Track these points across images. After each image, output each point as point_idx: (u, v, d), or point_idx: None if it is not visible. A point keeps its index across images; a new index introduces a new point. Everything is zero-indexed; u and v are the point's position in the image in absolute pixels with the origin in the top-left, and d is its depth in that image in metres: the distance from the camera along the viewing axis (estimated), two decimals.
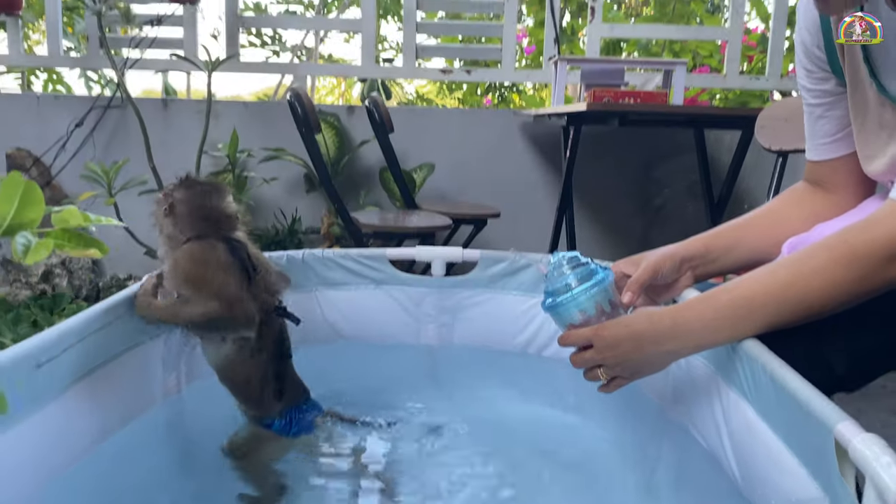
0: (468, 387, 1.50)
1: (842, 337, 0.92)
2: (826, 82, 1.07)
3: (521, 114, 3.19)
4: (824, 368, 0.91)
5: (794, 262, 0.91)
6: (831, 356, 0.92)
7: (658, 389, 1.31)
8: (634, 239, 3.19)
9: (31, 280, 2.91)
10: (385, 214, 2.51)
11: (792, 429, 0.82)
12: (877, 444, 0.63)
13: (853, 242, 0.86)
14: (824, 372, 0.91)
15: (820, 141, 1.11)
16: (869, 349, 0.92)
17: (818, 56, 1.05)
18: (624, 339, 0.94)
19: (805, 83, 1.10)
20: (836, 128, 1.08)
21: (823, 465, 0.73)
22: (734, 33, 3.22)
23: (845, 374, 0.93)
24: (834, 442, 0.70)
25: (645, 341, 0.94)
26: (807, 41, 1.06)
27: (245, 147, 2.98)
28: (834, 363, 0.92)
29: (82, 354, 1.00)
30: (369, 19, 3.21)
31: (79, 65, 3.49)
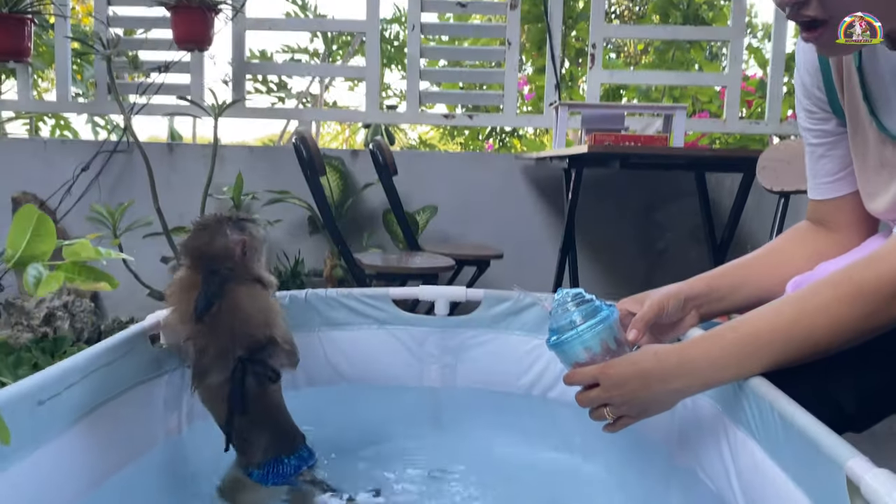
0: (471, 429, 1.48)
1: (850, 375, 0.91)
2: (827, 122, 1.08)
3: (522, 157, 3.22)
4: (833, 407, 0.91)
5: (798, 300, 0.91)
6: (839, 394, 0.91)
7: (664, 432, 1.30)
8: (637, 281, 3.18)
9: (32, 323, 2.90)
10: (388, 256, 2.51)
11: (801, 467, 0.81)
12: (890, 480, 0.63)
13: (858, 279, 0.86)
14: (833, 410, 0.90)
15: (822, 180, 1.12)
16: (877, 387, 0.92)
17: (818, 97, 1.07)
18: (631, 377, 0.94)
19: (806, 124, 1.11)
20: (837, 167, 1.09)
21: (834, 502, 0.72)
22: (733, 79, 3.27)
23: (854, 412, 0.92)
24: (845, 479, 0.69)
25: (652, 379, 0.93)
26: (807, 82, 1.08)
27: (249, 190, 3.01)
28: (842, 401, 0.91)
29: (85, 392, 1.00)
30: (374, 66, 3.27)
31: (87, 110, 3.55)
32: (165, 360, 1.23)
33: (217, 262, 1.13)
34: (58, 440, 0.94)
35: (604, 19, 3.30)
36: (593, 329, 0.99)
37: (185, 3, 2.90)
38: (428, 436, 1.47)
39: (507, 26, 3.25)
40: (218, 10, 3.00)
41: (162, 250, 3.09)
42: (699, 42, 4.11)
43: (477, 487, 1.24)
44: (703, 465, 1.14)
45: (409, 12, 3.25)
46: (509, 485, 1.24)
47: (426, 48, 3.37)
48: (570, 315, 1.00)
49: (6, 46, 2.95)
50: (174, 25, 2.98)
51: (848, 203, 1.10)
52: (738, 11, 3.27)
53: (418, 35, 3.25)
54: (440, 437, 1.46)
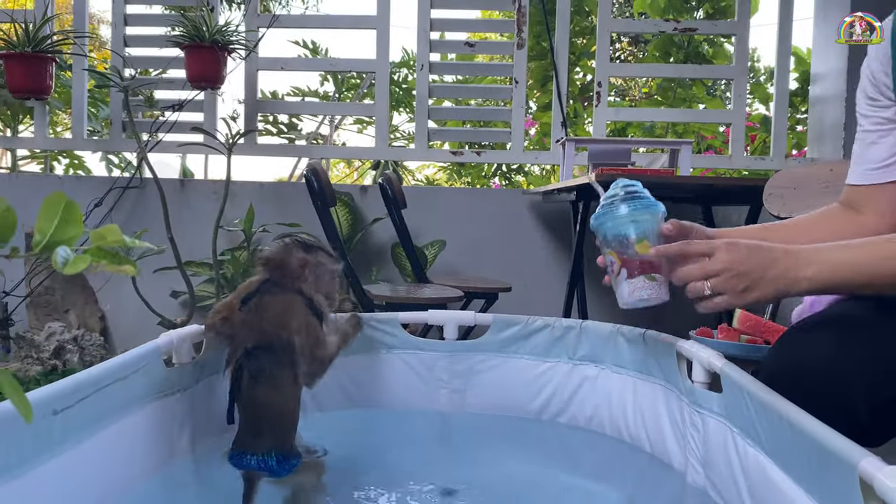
0: (481, 453, 1.47)
1: (864, 384, 0.92)
2: (886, 110, 1.14)
3: (529, 192, 3.26)
4: (848, 417, 0.91)
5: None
6: (855, 404, 0.91)
7: (675, 453, 1.29)
8: (648, 315, 3.17)
9: (42, 356, 2.91)
10: (397, 287, 2.53)
11: (814, 476, 0.81)
12: None
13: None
14: (848, 420, 0.90)
15: (869, 167, 1.17)
16: (892, 397, 0.91)
17: (885, 83, 1.12)
18: (759, 250, 0.99)
19: (865, 111, 1.17)
20: (886, 154, 1.15)
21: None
22: (738, 116, 3.31)
23: (868, 423, 0.92)
24: (858, 480, 0.69)
25: (777, 258, 0.98)
26: (875, 69, 1.14)
27: (260, 224, 3.04)
28: (858, 412, 0.91)
29: (98, 406, 1.00)
30: (383, 103, 3.33)
31: (101, 148, 3.61)
32: (178, 378, 1.23)
33: (277, 270, 1.24)
34: (71, 451, 0.94)
35: (608, 58, 3.36)
36: (651, 210, 1.13)
37: (198, 43, 2.98)
38: (437, 460, 1.46)
39: (513, 65, 3.31)
40: (231, 49, 3.07)
41: (172, 284, 3.11)
42: (701, 79, 4.17)
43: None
44: (716, 484, 1.13)
45: (418, 52, 3.32)
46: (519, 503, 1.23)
47: (434, 87, 3.43)
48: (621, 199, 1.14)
49: (29, 84, 3.03)
50: (187, 65, 3.05)
51: (886, 191, 1.15)
52: (741, 51, 3.33)
53: (427, 74, 3.32)
54: (450, 461, 1.45)
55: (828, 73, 3.14)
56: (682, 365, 1.26)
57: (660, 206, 1.15)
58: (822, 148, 3.15)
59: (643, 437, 1.38)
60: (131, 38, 3.34)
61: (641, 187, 1.19)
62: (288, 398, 1.17)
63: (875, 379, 0.91)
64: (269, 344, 1.15)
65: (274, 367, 1.14)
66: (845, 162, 2.35)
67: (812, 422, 0.80)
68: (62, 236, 0.49)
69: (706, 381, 1.18)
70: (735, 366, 1.08)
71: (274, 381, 1.14)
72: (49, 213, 0.49)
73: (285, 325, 1.17)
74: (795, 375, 0.96)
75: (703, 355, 1.17)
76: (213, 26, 2.99)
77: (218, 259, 2.88)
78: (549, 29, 3.38)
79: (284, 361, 1.15)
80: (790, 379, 0.96)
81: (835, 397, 0.91)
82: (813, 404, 0.86)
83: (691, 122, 4.01)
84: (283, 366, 1.15)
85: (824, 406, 0.87)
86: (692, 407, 1.21)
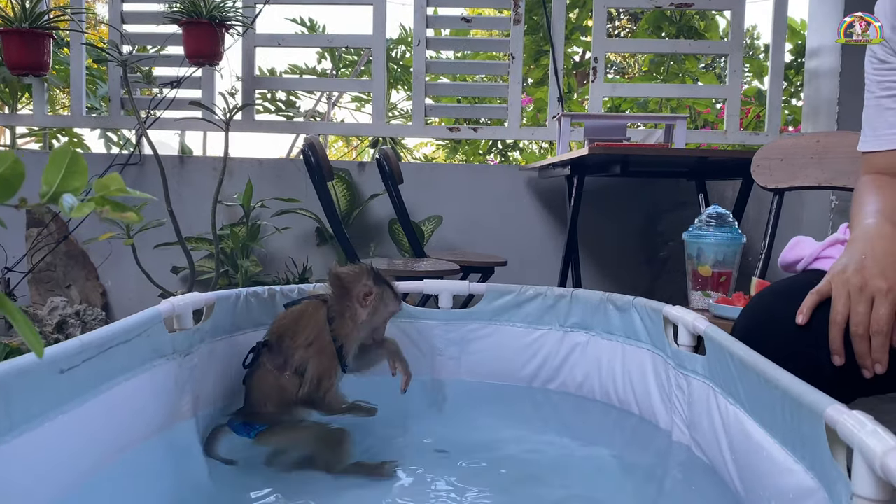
0: (475, 418, 1.51)
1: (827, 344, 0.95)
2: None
3: (526, 169, 3.28)
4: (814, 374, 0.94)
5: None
6: (820, 362, 0.95)
7: (661, 415, 1.33)
8: (641, 290, 3.22)
9: (45, 330, 2.96)
10: (394, 261, 2.56)
11: (788, 428, 0.84)
12: (864, 416, 0.66)
13: None
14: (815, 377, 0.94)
15: (887, 131, 1.18)
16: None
17: (894, 39, 1.12)
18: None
19: (874, 76, 1.18)
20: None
21: (818, 455, 0.76)
22: (733, 92, 3.33)
23: (833, 379, 0.95)
24: (825, 427, 0.73)
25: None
26: (884, 26, 1.13)
27: (259, 200, 3.07)
28: (823, 369, 0.95)
29: (102, 367, 1.04)
30: (380, 79, 3.34)
31: (100, 125, 3.63)
32: (180, 343, 1.27)
33: (340, 289, 1.35)
34: (77, 410, 0.98)
35: (605, 34, 3.37)
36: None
37: (196, 19, 2.98)
38: (433, 425, 1.50)
39: (510, 41, 3.32)
40: (228, 25, 3.08)
41: (172, 260, 3.15)
42: (695, 54, 4.17)
43: (482, 468, 1.27)
44: (699, 441, 1.17)
45: (415, 27, 3.33)
46: (512, 467, 1.27)
47: (431, 63, 3.44)
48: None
49: (27, 61, 3.04)
50: (185, 41, 3.06)
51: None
52: (737, 26, 3.34)
53: (423, 50, 3.33)
54: (444, 426, 1.49)
55: (822, 48, 3.15)
56: (669, 330, 1.30)
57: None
58: (817, 123, 3.17)
59: (631, 400, 1.43)
60: (128, 15, 3.35)
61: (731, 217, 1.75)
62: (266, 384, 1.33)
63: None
64: (277, 343, 1.32)
65: (270, 362, 1.32)
66: (833, 133, 2.38)
67: (786, 376, 0.84)
68: (68, 187, 0.52)
69: (691, 345, 1.22)
70: (718, 328, 1.11)
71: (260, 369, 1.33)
72: (56, 165, 0.52)
73: (293, 337, 1.32)
74: (766, 336, 1.00)
75: (688, 318, 1.20)
76: (210, 2, 3.00)
77: (217, 234, 2.91)
78: (546, 3, 3.38)
79: (280, 364, 1.32)
80: (761, 338, 1.00)
81: (802, 356, 0.95)
82: (782, 362, 0.90)
83: (684, 99, 4.02)
84: (273, 362, 1.32)
85: (792, 364, 0.91)
86: (678, 370, 1.25)
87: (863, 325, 0.92)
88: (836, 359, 0.94)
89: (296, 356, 1.30)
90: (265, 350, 1.33)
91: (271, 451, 1.28)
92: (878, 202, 1.10)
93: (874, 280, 0.93)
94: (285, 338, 1.32)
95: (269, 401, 1.32)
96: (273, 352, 1.32)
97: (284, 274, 3.18)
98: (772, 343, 1.00)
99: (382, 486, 1.18)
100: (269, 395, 1.32)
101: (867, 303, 0.92)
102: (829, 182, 1.74)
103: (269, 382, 1.32)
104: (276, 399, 1.32)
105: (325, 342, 1.32)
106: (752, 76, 4.68)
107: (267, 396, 1.32)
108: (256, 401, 1.33)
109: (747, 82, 4.59)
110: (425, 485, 1.20)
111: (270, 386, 1.32)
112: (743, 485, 1.00)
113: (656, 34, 4.06)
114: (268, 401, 1.32)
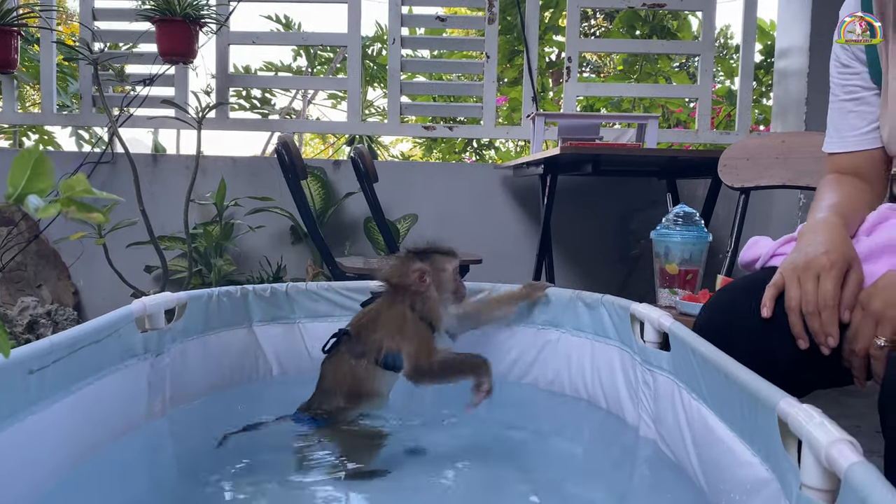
0: (448, 413, 1.53)
1: (780, 339, 0.99)
2: (858, 77, 1.19)
3: (501, 167, 3.30)
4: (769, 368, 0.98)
5: None
6: (775, 356, 0.99)
7: (629, 410, 1.36)
8: (615, 286, 3.26)
9: (15, 330, 2.93)
10: (369, 260, 2.57)
11: (745, 422, 0.87)
12: (812, 409, 0.69)
13: None
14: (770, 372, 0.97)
15: (850, 133, 1.22)
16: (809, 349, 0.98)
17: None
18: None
19: (838, 80, 1.23)
20: (863, 123, 1.20)
21: (772, 447, 0.78)
22: (704, 91, 3.37)
23: (787, 373, 0.99)
24: (777, 420, 0.75)
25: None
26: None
27: (233, 198, 3.06)
28: (777, 363, 0.98)
29: (72, 368, 1.04)
30: (355, 78, 3.35)
31: (71, 122, 3.59)
32: (151, 343, 1.27)
33: (395, 287, 1.39)
34: (47, 411, 0.98)
35: (578, 33, 3.40)
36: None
37: (169, 17, 2.97)
38: (405, 420, 1.51)
39: (485, 40, 3.34)
40: (202, 23, 3.06)
41: (145, 259, 3.13)
42: (667, 54, 4.23)
43: (451, 461, 1.29)
44: (664, 435, 1.20)
45: (390, 26, 3.34)
46: (481, 459, 1.29)
47: (406, 61, 3.45)
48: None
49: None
50: (158, 39, 3.04)
51: (878, 156, 1.21)
52: (708, 26, 3.38)
53: (398, 48, 3.34)
54: (417, 421, 1.50)
55: (791, 48, 3.20)
56: (636, 327, 1.32)
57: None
58: (787, 122, 3.23)
59: (600, 395, 1.45)
60: (100, 12, 3.31)
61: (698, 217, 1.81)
62: (341, 372, 1.36)
63: (790, 335, 0.98)
64: (360, 336, 1.36)
65: (353, 355, 1.35)
66: (797, 133, 2.43)
67: (742, 371, 0.87)
68: (33, 189, 0.53)
69: (657, 341, 1.25)
70: (682, 325, 1.14)
71: (337, 355, 1.37)
72: (21, 167, 0.53)
73: (377, 332, 1.35)
74: (725, 330, 1.03)
75: (654, 315, 1.23)
76: (184, 0, 2.98)
77: (190, 233, 2.90)
78: (519, 3, 3.40)
79: (361, 355, 1.35)
80: (720, 333, 1.03)
81: (759, 349, 0.98)
82: (739, 356, 0.93)
83: (659, 97, 4.07)
84: (360, 360, 1.35)
85: (749, 357, 0.94)
86: (644, 366, 1.27)
87: (812, 302, 0.96)
88: (800, 343, 0.98)
89: (382, 346, 1.35)
90: (346, 338, 1.37)
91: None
92: (833, 198, 1.14)
93: (817, 259, 0.98)
94: (366, 331, 1.37)
95: (339, 387, 1.36)
96: (353, 341, 1.37)
97: (259, 273, 3.17)
98: (731, 337, 1.03)
99: (356, 487, 1.19)
100: (341, 382, 1.36)
101: (814, 281, 0.97)
102: (794, 181, 1.78)
103: (344, 370, 1.36)
104: (346, 386, 1.36)
105: (414, 326, 1.37)
106: (724, 76, 4.75)
107: (339, 383, 1.36)
108: (329, 386, 1.36)
109: (719, 82, 4.66)
110: (397, 481, 1.21)
111: (344, 374, 1.36)
112: (705, 478, 1.02)
113: (630, 34, 4.10)
114: (338, 387, 1.36)
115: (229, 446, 1.27)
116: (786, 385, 1.00)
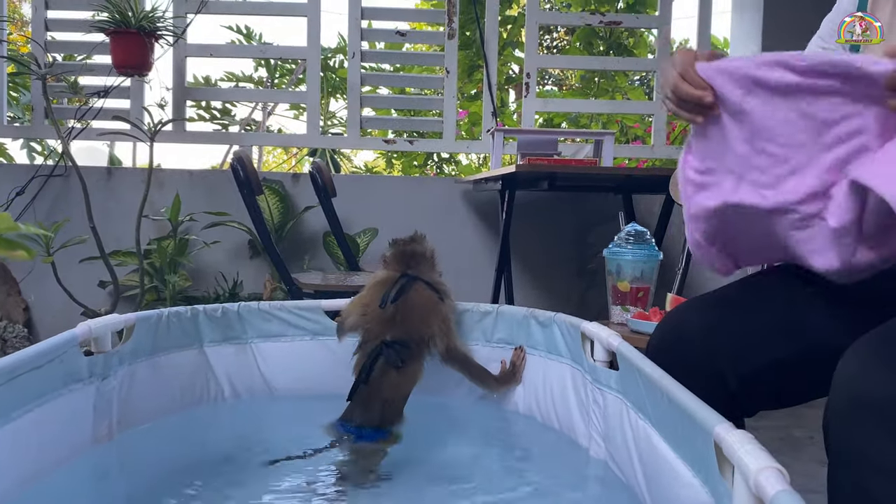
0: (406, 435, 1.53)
1: (731, 357, 1.01)
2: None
3: (461, 181, 3.32)
4: (720, 386, 1.00)
5: None
6: (725, 374, 1.01)
7: (580, 429, 1.37)
8: (574, 300, 3.29)
9: None
10: (327, 275, 2.55)
11: (686, 443, 0.89)
12: (745, 436, 0.71)
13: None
14: (721, 390, 1.00)
15: None
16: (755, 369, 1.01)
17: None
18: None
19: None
20: None
21: (710, 470, 0.80)
22: (660, 107, 3.44)
23: (738, 392, 1.01)
24: (713, 444, 0.77)
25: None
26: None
27: (189, 212, 3.02)
28: (728, 381, 1.01)
29: (12, 394, 1.02)
30: (314, 91, 3.34)
31: (22, 135, 3.51)
32: (97, 367, 1.25)
33: (415, 260, 1.45)
34: None
35: (537, 50, 3.44)
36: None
37: (124, 29, 2.92)
38: None
39: (444, 55, 3.36)
40: (158, 36, 3.03)
41: (100, 275, 3.07)
42: (624, 71, 4.30)
43: (408, 482, 1.28)
44: (614, 454, 1.22)
45: (350, 40, 3.34)
46: (437, 480, 1.29)
47: (366, 75, 3.45)
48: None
49: None
50: (113, 51, 2.99)
51: None
52: (663, 42, 3.45)
53: (358, 62, 3.34)
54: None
55: None
56: (587, 345, 1.34)
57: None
58: None
59: (552, 414, 1.46)
60: (54, 23, 3.25)
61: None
62: (409, 386, 1.36)
63: (740, 353, 1.00)
64: (409, 339, 1.35)
65: (409, 359, 1.34)
66: None
67: (683, 393, 0.88)
68: None
69: (606, 360, 1.27)
70: (629, 345, 1.16)
71: (405, 370, 1.34)
72: None
73: (428, 324, 1.38)
74: (676, 350, 1.05)
75: (603, 335, 1.24)
76: (139, 12, 2.94)
77: (144, 249, 2.85)
78: (478, 18, 3.43)
79: (416, 355, 1.35)
80: (672, 352, 1.05)
81: (708, 369, 1.01)
82: (690, 375, 0.95)
83: (616, 113, 4.14)
84: (416, 359, 1.35)
85: (698, 377, 0.96)
86: (594, 384, 1.29)
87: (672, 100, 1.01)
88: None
89: (425, 335, 1.37)
90: (387, 350, 1.34)
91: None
92: None
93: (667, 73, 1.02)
94: (423, 332, 1.38)
95: (399, 401, 1.36)
96: (412, 347, 1.36)
97: (215, 288, 3.13)
98: (680, 358, 1.05)
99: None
100: (401, 395, 1.36)
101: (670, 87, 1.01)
102: None
103: (409, 382, 1.37)
104: (404, 397, 1.37)
105: (444, 307, 1.44)
106: None
107: (400, 397, 1.36)
108: (368, 395, 1.34)
109: None
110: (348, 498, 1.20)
111: (409, 385, 1.37)
112: (651, 497, 1.04)
113: (587, 50, 4.16)
114: (398, 401, 1.36)
115: (179, 468, 1.25)
116: (735, 405, 1.03)
